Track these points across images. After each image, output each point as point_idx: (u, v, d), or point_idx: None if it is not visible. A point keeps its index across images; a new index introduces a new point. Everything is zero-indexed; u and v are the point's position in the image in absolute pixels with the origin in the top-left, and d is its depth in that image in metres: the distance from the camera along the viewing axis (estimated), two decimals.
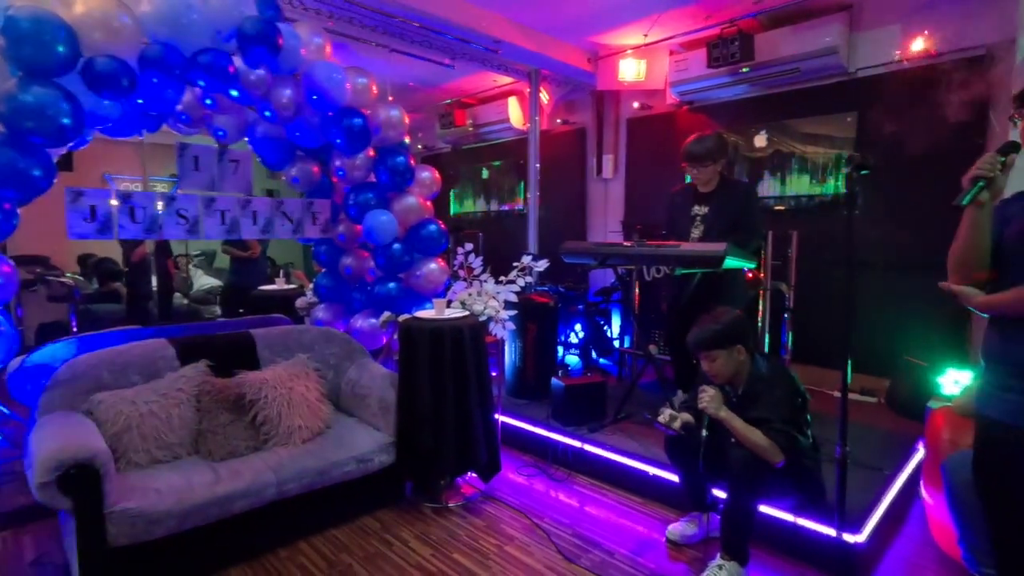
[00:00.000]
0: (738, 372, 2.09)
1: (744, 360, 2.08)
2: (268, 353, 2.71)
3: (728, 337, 2.06)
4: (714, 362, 2.08)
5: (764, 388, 2.05)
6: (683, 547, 2.30)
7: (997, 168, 1.31)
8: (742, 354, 2.07)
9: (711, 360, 2.08)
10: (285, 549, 2.28)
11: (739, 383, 2.12)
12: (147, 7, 2.21)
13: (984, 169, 1.31)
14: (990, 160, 1.32)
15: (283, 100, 2.73)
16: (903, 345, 3.58)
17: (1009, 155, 1.32)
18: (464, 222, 6.76)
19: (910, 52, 3.57)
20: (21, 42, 1.90)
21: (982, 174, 1.31)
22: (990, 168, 1.31)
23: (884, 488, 2.41)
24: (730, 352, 2.06)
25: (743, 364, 2.08)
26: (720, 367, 2.08)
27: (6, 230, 2.19)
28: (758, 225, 2.94)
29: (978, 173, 1.32)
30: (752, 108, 4.41)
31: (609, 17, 4.13)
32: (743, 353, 2.08)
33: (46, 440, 1.89)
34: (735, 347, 2.06)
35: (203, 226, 2.86)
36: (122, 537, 1.87)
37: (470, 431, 2.56)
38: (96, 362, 2.31)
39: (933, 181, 3.45)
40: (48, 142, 2.08)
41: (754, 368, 2.09)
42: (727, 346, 2.06)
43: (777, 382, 2.06)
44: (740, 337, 2.07)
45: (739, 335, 2.07)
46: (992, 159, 1.32)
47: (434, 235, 3.17)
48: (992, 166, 1.31)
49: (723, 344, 2.06)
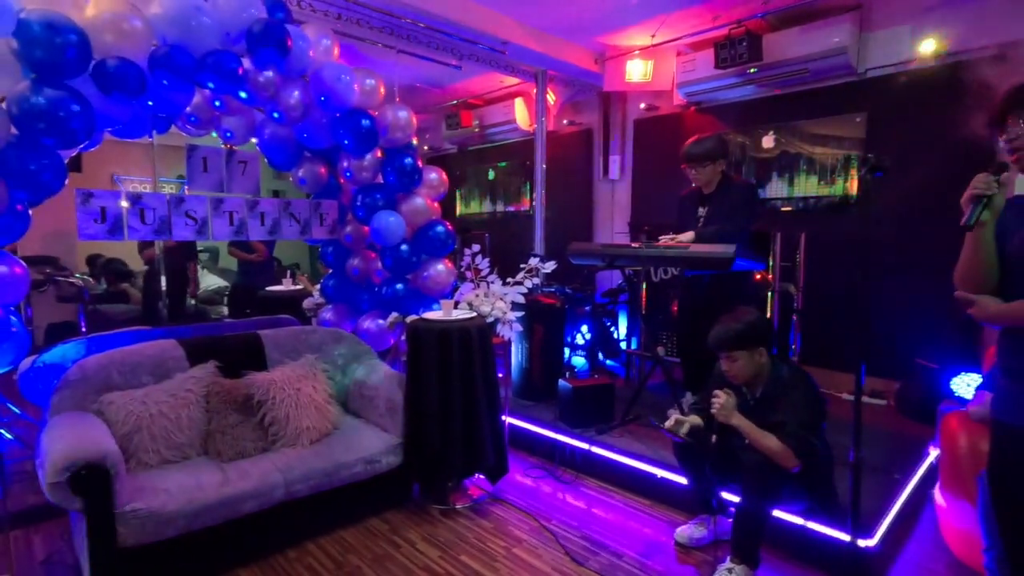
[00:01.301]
0: (758, 374, 2.07)
1: (764, 362, 2.06)
2: (276, 354, 2.72)
3: (750, 338, 2.03)
4: (734, 363, 2.05)
5: (783, 392, 2.02)
6: (692, 550, 2.29)
7: (994, 186, 1.31)
8: (763, 356, 2.05)
9: (732, 360, 2.06)
10: (293, 550, 2.29)
11: (758, 386, 2.09)
12: (157, 9, 2.22)
13: (981, 188, 1.31)
14: (985, 180, 1.32)
15: (291, 101, 2.74)
16: (913, 347, 3.55)
17: (1002, 174, 1.32)
18: (470, 223, 6.76)
19: (920, 52, 3.55)
20: (33, 44, 1.91)
21: (981, 193, 1.31)
22: (986, 187, 1.31)
23: (895, 492, 2.39)
24: (751, 353, 2.04)
25: (763, 366, 2.06)
26: (740, 368, 2.05)
27: (19, 230, 2.21)
28: (743, 218, 2.80)
29: (977, 192, 1.32)
30: (760, 109, 4.39)
31: (616, 18, 4.12)
32: (764, 355, 2.05)
33: (57, 440, 1.90)
34: (757, 348, 2.04)
35: (212, 227, 2.88)
36: (132, 537, 1.87)
37: (477, 433, 2.55)
38: (106, 362, 2.32)
39: (944, 182, 3.43)
40: (60, 144, 2.09)
41: (774, 371, 2.07)
42: (749, 347, 2.03)
43: (797, 386, 2.03)
44: (762, 338, 2.05)
45: (761, 336, 2.05)
46: (986, 178, 1.32)
47: (441, 236, 3.17)
48: (988, 184, 1.31)
49: (745, 344, 2.03)
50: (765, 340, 2.05)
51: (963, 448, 2.13)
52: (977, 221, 1.32)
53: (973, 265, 1.37)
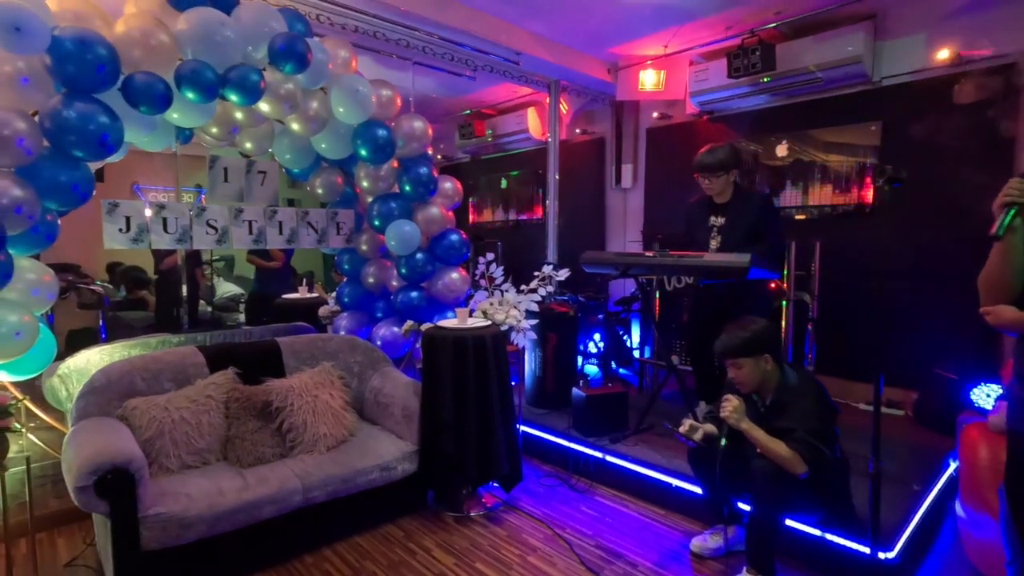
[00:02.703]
0: (765, 381, 2.08)
1: (771, 370, 2.07)
2: (293, 361, 2.76)
3: (756, 345, 2.05)
4: (740, 370, 2.07)
5: (793, 398, 2.03)
6: (707, 560, 2.27)
7: None
8: (769, 363, 2.06)
9: (737, 368, 2.08)
10: (311, 555, 2.31)
11: (767, 393, 2.10)
12: (183, 25, 2.29)
13: (1014, 195, 1.30)
14: (1017, 185, 1.30)
15: (310, 113, 2.79)
16: (932, 356, 3.50)
17: None
18: (483, 231, 6.80)
19: (936, 60, 3.54)
20: (66, 60, 1.98)
21: (1013, 200, 1.30)
22: (1019, 193, 1.29)
23: (915, 504, 2.36)
24: (757, 361, 2.05)
25: (770, 374, 2.07)
26: (746, 375, 2.07)
27: (49, 239, 2.28)
28: (778, 233, 2.92)
29: (1008, 200, 1.30)
30: (773, 117, 4.38)
31: (629, 30, 4.16)
32: (770, 362, 2.06)
33: (83, 445, 1.94)
34: (762, 356, 2.05)
35: (231, 236, 2.93)
36: (154, 541, 1.91)
37: (492, 441, 2.57)
38: (129, 368, 2.37)
39: (961, 190, 3.41)
40: (89, 156, 2.15)
41: (783, 378, 2.08)
42: (754, 354, 2.05)
43: (806, 393, 2.04)
44: (767, 346, 2.06)
45: (767, 344, 2.06)
46: (1020, 183, 1.30)
47: (456, 245, 3.21)
48: (1021, 191, 1.30)
49: (750, 352, 2.05)
50: (770, 348, 2.07)
51: (983, 459, 2.11)
52: (1008, 228, 1.30)
53: (1000, 274, 1.35)
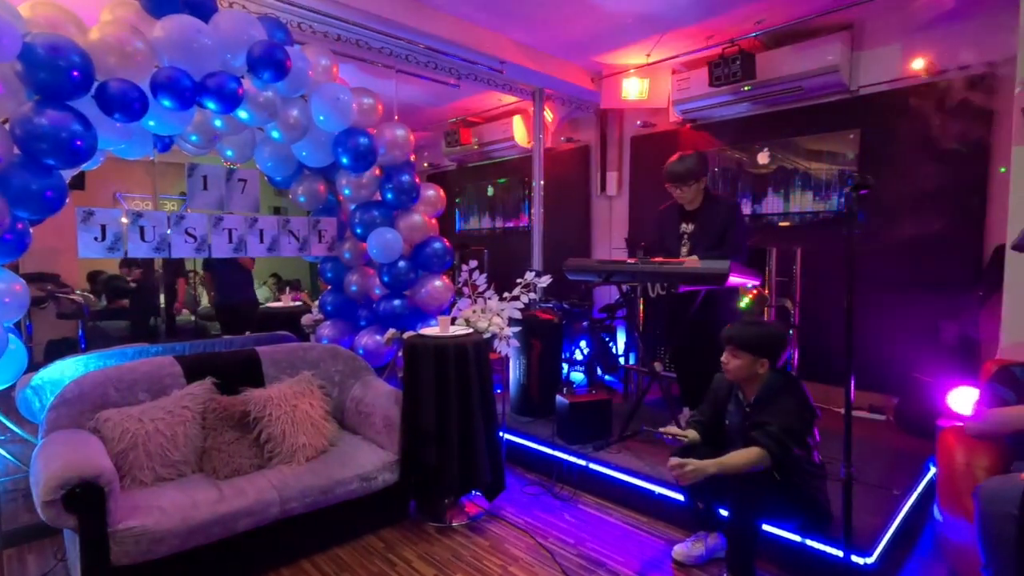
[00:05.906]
0: (752, 380, 2.12)
1: (763, 373, 2.11)
2: (273, 370, 2.72)
3: (761, 346, 2.08)
4: (735, 360, 2.11)
5: (775, 396, 2.07)
6: (689, 567, 2.27)
7: None
8: (764, 368, 2.10)
9: (734, 356, 2.12)
10: (288, 568, 2.27)
11: (752, 391, 2.14)
12: (159, 32, 2.27)
13: None
14: None
15: (290, 121, 2.78)
16: (912, 362, 3.54)
17: None
18: (469, 239, 6.79)
19: (911, 70, 3.60)
20: (37, 67, 1.96)
21: None
22: None
23: (895, 509, 2.38)
24: (755, 360, 2.09)
25: (760, 377, 2.11)
26: (737, 368, 2.11)
27: (20, 248, 2.23)
28: (741, 240, 2.96)
29: None
30: (755, 126, 4.43)
31: (612, 38, 4.19)
32: (765, 367, 2.10)
33: (52, 458, 1.90)
34: (761, 359, 2.09)
35: (211, 244, 2.90)
36: (126, 556, 1.87)
37: (474, 449, 2.55)
38: (103, 379, 2.33)
39: (937, 197, 3.46)
40: (61, 164, 2.12)
41: (770, 378, 2.12)
42: (755, 353, 2.08)
43: (790, 392, 2.08)
44: (771, 353, 2.10)
45: (771, 351, 2.10)
46: None
47: (439, 252, 3.20)
48: None
49: (752, 350, 2.08)
50: (772, 355, 2.11)
51: (960, 463, 2.12)
52: None
53: None
